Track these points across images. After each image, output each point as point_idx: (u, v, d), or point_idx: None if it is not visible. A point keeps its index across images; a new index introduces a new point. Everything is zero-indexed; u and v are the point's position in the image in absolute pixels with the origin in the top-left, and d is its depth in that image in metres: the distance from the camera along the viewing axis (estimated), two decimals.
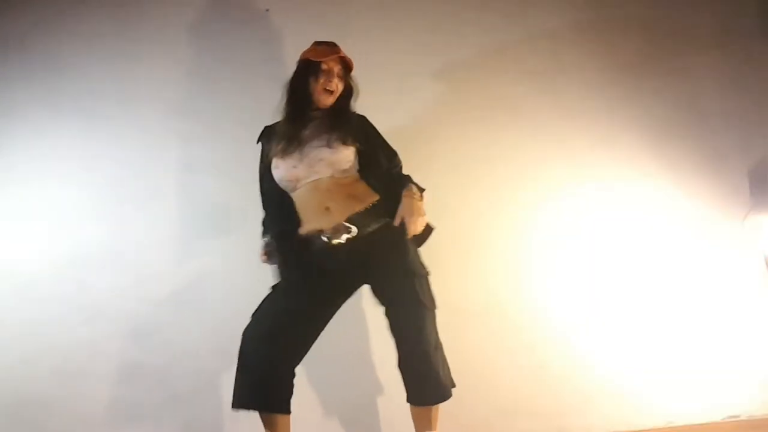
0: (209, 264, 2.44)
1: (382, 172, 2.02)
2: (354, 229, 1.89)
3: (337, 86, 2.03)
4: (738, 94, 2.65)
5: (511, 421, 2.36)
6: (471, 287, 2.46)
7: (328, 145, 1.95)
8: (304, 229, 1.94)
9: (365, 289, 2.03)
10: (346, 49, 2.11)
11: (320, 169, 1.94)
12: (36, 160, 2.51)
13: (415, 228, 1.89)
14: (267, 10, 2.65)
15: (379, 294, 1.96)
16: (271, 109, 2.06)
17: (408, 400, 1.92)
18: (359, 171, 1.99)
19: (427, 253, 2.45)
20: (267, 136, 2.07)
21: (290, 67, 2.09)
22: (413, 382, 1.89)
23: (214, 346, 2.36)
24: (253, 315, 1.94)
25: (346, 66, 2.06)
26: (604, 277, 2.49)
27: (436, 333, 1.93)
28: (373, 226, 1.92)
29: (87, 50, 2.60)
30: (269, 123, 2.09)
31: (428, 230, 2.00)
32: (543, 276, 2.49)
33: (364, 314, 2.39)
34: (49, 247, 2.44)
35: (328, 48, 2.04)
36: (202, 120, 2.54)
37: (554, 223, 2.52)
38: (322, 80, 2.00)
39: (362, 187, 1.97)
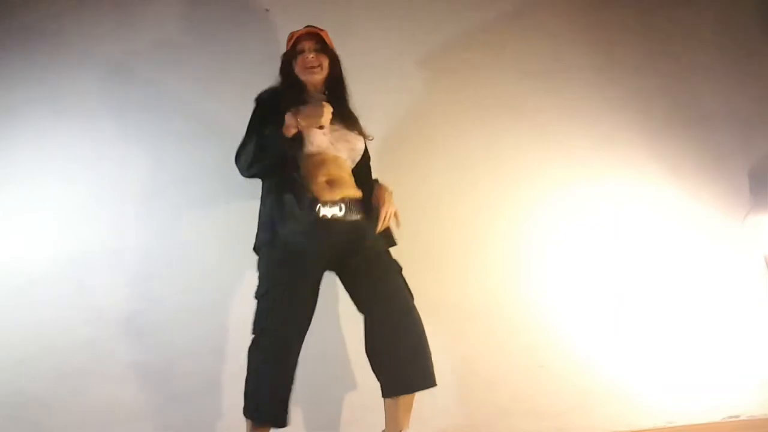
0: (209, 264, 2.44)
1: (364, 174, 2.10)
2: (343, 209, 1.94)
3: (318, 59, 2.05)
4: (738, 94, 2.65)
5: (511, 421, 2.36)
6: (471, 287, 2.46)
7: (354, 132, 2.04)
8: (303, 190, 1.94)
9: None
10: (346, 49, 2.12)
11: (341, 149, 2.02)
12: (36, 160, 2.51)
13: (388, 217, 1.99)
14: (267, 10, 2.65)
15: (356, 287, 2.01)
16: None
17: (385, 394, 1.92)
18: (354, 167, 2.06)
19: (426, 252, 2.47)
20: (272, 98, 2.06)
21: None
22: (394, 370, 1.90)
23: (214, 346, 2.36)
24: (254, 332, 1.90)
25: (321, 40, 2.08)
26: (604, 277, 2.49)
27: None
28: (355, 217, 1.97)
29: (86, 50, 2.60)
30: None
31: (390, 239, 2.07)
32: (543, 276, 2.49)
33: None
34: (49, 247, 2.44)
35: (301, 30, 2.10)
36: (202, 120, 2.54)
37: (554, 223, 2.52)
38: (299, 60, 2.05)
39: (353, 181, 2.03)
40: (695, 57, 2.69)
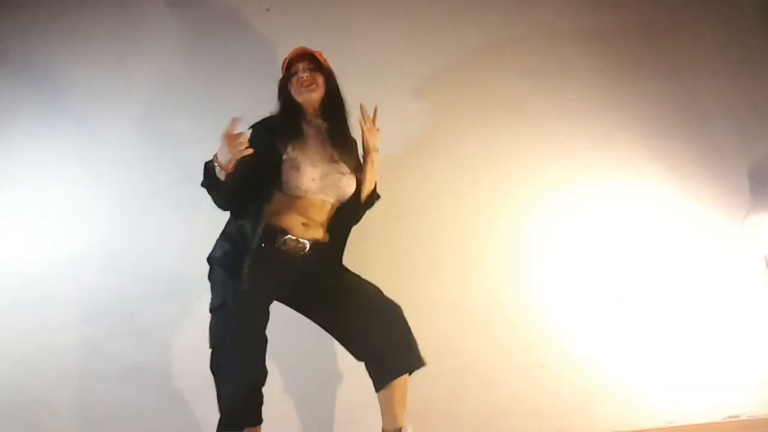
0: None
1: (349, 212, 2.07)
2: (308, 246, 1.94)
3: (313, 78, 2.03)
4: (738, 94, 2.65)
5: (511, 421, 2.35)
6: (471, 287, 2.46)
7: (344, 174, 1.99)
8: (275, 221, 1.93)
9: None
10: (346, 49, 2.12)
11: (330, 194, 1.98)
12: (36, 160, 2.51)
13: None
14: (267, 9, 2.65)
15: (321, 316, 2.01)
16: (271, 110, 2.07)
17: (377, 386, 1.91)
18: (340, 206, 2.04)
19: (426, 252, 2.47)
20: (268, 128, 2.03)
21: None
22: (377, 359, 1.90)
23: None
24: (212, 346, 1.90)
25: (315, 59, 2.05)
26: (604, 277, 2.49)
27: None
28: (318, 257, 1.97)
29: (86, 51, 2.60)
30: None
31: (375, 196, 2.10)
32: (543, 276, 2.48)
33: None
34: (49, 247, 2.44)
35: (293, 51, 2.07)
36: (202, 120, 2.54)
37: (554, 223, 2.52)
38: (294, 81, 2.03)
39: (327, 224, 2.01)
40: (695, 57, 2.69)
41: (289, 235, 1.92)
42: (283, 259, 1.92)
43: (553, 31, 2.69)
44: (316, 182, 1.95)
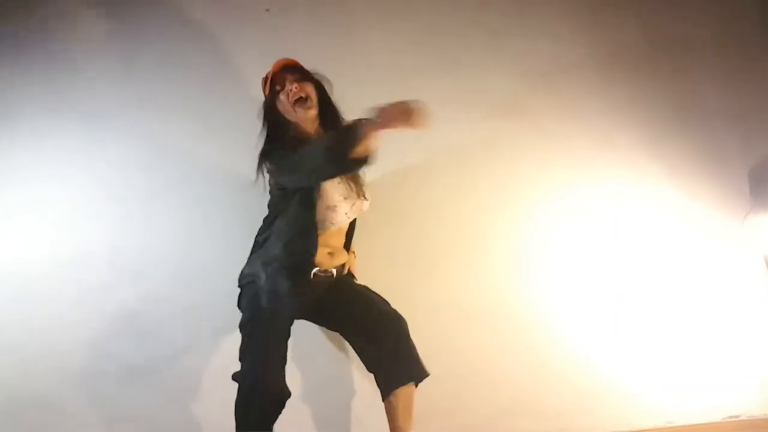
0: (209, 264, 2.44)
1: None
2: (335, 273, 2.03)
3: (303, 88, 1.95)
4: (738, 94, 2.65)
5: (512, 421, 2.36)
6: (471, 287, 2.46)
7: (360, 195, 2.03)
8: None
9: None
10: (346, 50, 2.11)
11: (352, 216, 2.05)
12: (36, 160, 2.51)
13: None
14: (267, 10, 2.65)
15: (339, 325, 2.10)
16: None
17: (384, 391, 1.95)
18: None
19: (427, 253, 2.47)
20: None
21: None
22: (381, 369, 1.95)
23: (214, 345, 2.36)
24: (242, 359, 1.90)
25: (299, 69, 1.99)
26: (604, 277, 2.49)
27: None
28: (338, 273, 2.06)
29: (87, 50, 2.60)
30: None
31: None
32: (543, 276, 2.49)
33: None
34: (49, 247, 2.44)
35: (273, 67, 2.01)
36: (202, 120, 2.54)
37: (554, 223, 2.52)
38: (282, 98, 1.95)
39: (344, 243, 2.09)
40: (695, 57, 2.69)
41: (317, 269, 1.96)
42: (310, 288, 1.98)
43: (553, 31, 2.69)
44: (348, 214, 2.01)
